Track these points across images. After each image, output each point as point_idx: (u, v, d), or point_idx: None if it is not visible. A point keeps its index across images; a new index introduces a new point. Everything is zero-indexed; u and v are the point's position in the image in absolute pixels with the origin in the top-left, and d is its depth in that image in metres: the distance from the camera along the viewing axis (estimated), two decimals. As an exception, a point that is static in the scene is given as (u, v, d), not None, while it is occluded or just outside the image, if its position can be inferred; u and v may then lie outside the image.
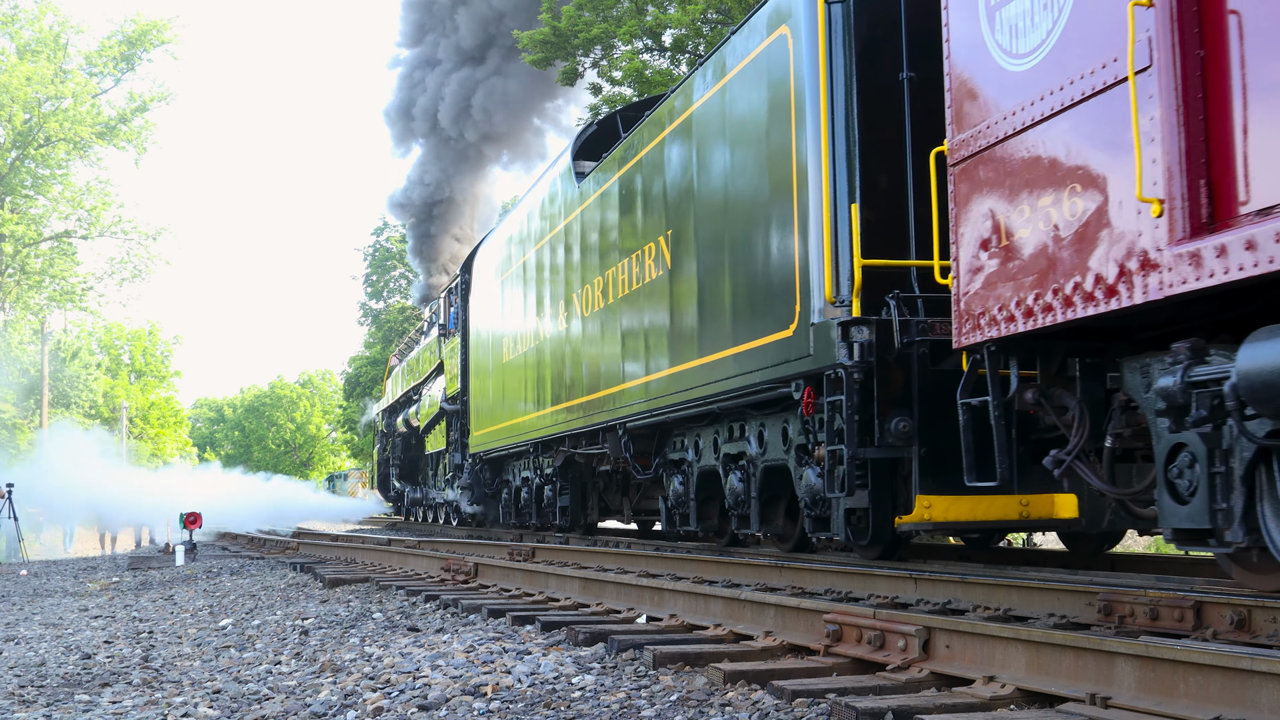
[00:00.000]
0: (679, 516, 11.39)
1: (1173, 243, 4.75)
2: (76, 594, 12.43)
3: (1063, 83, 5.47)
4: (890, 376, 7.85)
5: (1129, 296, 4.96)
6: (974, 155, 6.10)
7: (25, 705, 5.16)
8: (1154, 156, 4.85)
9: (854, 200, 7.98)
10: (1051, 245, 5.49)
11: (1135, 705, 3.48)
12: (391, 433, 31.57)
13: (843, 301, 7.94)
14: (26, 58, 43.75)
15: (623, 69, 22.71)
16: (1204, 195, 4.75)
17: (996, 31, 5.98)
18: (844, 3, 8.19)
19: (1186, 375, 4.96)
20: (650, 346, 11.28)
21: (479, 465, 19.66)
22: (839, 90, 8.17)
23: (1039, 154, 5.64)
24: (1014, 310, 5.73)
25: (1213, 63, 4.76)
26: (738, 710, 4.00)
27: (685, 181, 10.46)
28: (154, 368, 72.40)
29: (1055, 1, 5.54)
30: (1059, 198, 5.48)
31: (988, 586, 5.94)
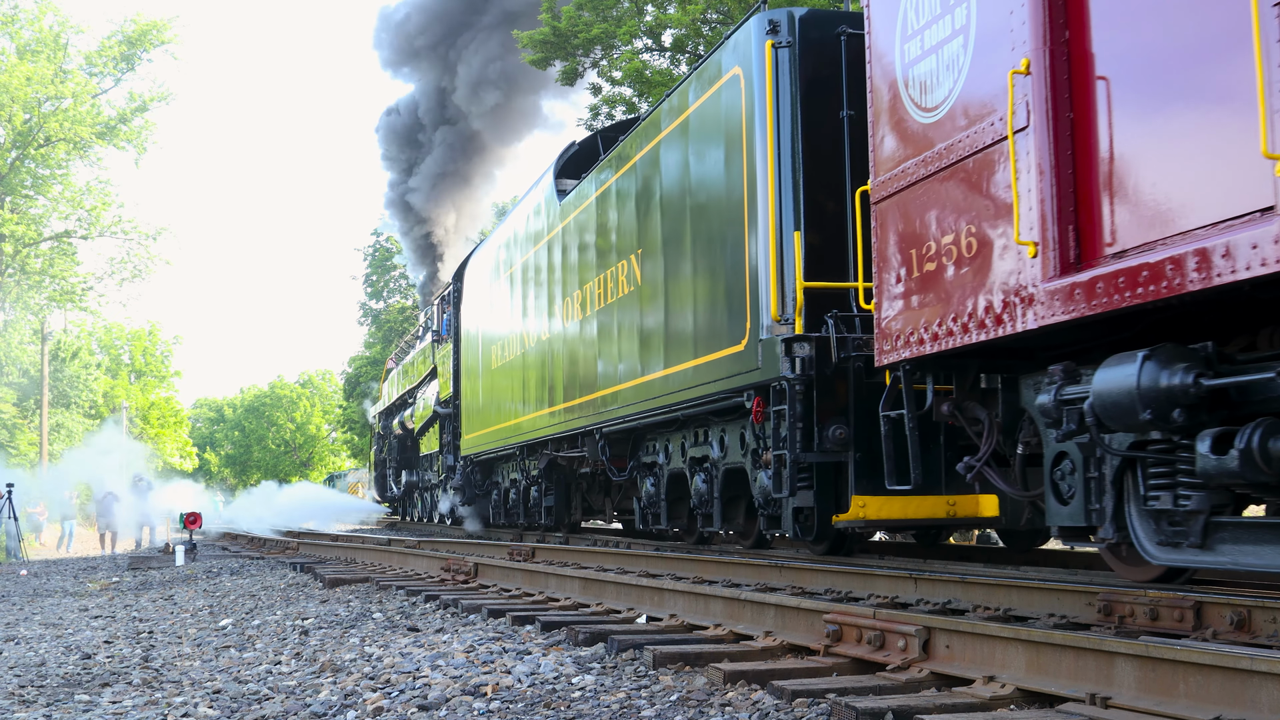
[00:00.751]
0: (651, 516, 12.19)
1: (1046, 279, 5.47)
2: (76, 594, 12.43)
3: (961, 136, 6.18)
4: (829, 388, 8.69)
5: (1013, 325, 5.69)
6: (891, 195, 6.80)
7: (25, 705, 5.16)
8: (1030, 205, 5.56)
9: (798, 228, 8.83)
10: (953, 278, 6.22)
11: (1135, 705, 3.48)
12: (388, 434, 32.25)
13: (787, 320, 8.77)
14: (26, 58, 43.74)
15: (623, 69, 22.70)
16: (1072, 239, 5.46)
17: (910, 86, 6.67)
18: (790, 47, 8.97)
19: (1059, 394, 5.62)
20: (623, 357, 12.10)
21: (470, 467, 20.35)
22: (785, 126, 8.98)
23: (942, 197, 6.34)
24: (924, 334, 6.43)
25: (1081, 124, 5.47)
26: (738, 710, 4.00)
27: (652, 205, 11.32)
28: (154, 368, 72.42)
29: (956, 63, 6.23)
30: (958, 237, 6.19)
31: (988, 586, 5.94)
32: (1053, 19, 5.59)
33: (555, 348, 14.57)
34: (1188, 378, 4.89)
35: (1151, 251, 4.90)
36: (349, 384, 62.65)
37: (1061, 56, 5.59)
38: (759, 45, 9.01)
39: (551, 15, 23.16)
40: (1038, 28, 5.60)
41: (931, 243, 6.43)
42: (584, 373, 13.40)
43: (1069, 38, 5.57)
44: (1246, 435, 4.71)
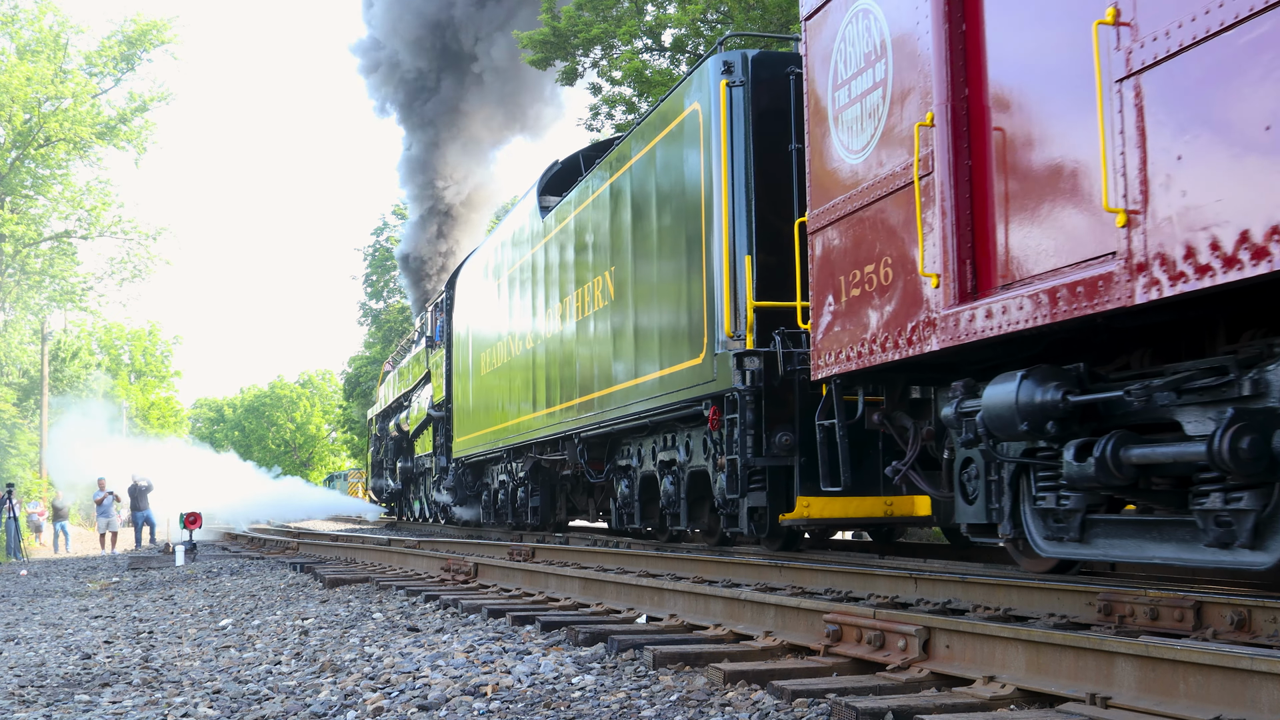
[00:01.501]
0: (626, 515, 13.00)
1: (946, 306, 6.19)
2: (76, 594, 12.43)
3: (879, 177, 6.88)
4: (777, 398, 9.46)
5: (921, 346, 6.40)
6: (823, 227, 7.53)
7: (25, 705, 5.16)
8: (933, 241, 6.26)
9: (749, 251, 9.62)
10: (874, 303, 6.93)
11: (1135, 705, 3.48)
12: (384, 436, 33.03)
13: (739, 336, 9.54)
14: (26, 58, 43.73)
15: (623, 69, 22.69)
16: (969, 272, 6.17)
17: (839, 129, 7.35)
18: (743, 86, 9.76)
19: (959, 407, 6.36)
20: (598, 366, 12.90)
21: (462, 469, 21.25)
22: (738, 158, 9.76)
23: (865, 231, 7.07)
24: (850, 352, 7.17)
25: (977, 171, 6.13)
26: (738, 710, 4.00)
27: (623, 226, 12.14)
28: (154, 368, 72.42)
29: (876, 112, 6.94)
30: (878, 266, 6.92)
31: (988, 586, 5.94)
32: (954, 78, 6.24)
33: (538, 355, 15.33)
34: (1057, 394, 5.63)
35: (1030, 285, 5.62)
36: (349, 384, 62.65)
37: (961, 112, 6.26)
38: (715, 84, 9.84)
39: (551, 15, 23.16)
40: (941, 86, 6.26)
41: (856, 270, 7.16)
42: (564, 380, 14.17)
43: (968, 95, 6.24)
44: (1101, 445, 5.43)
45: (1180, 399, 5.23)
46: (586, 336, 13.33)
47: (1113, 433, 5.41)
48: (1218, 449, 4.81)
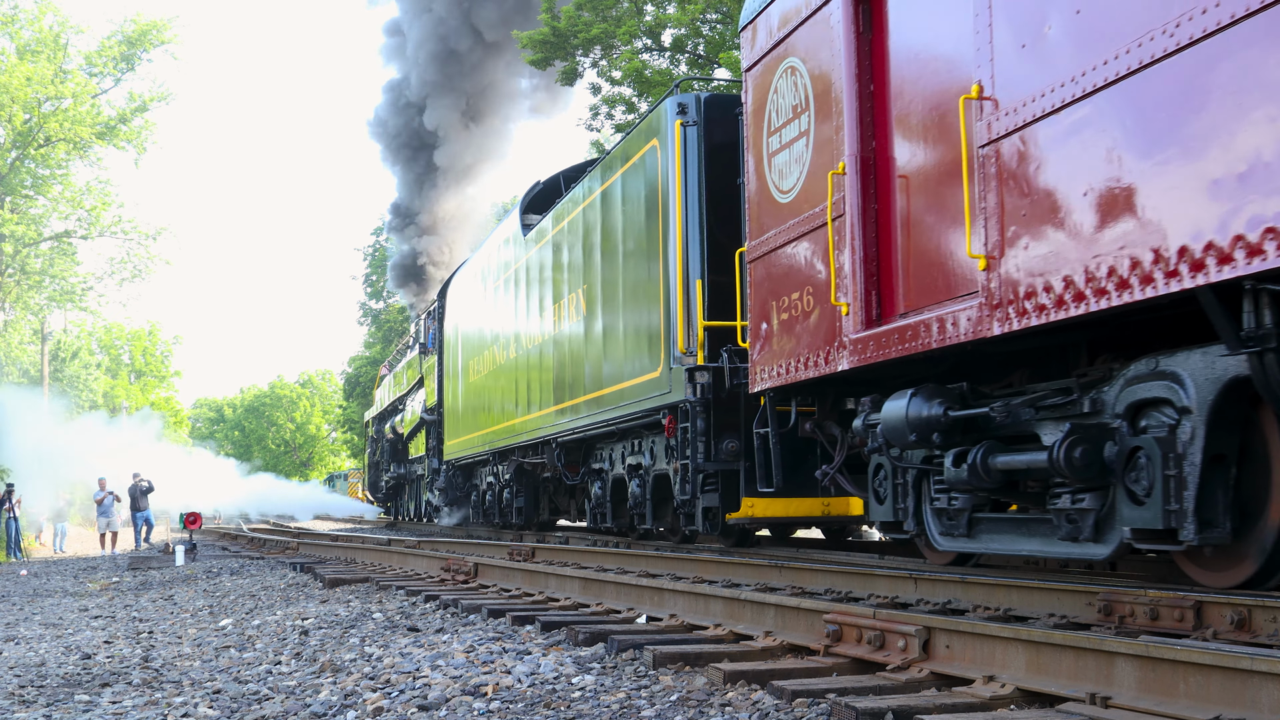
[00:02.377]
0: (599, 515, 13.97)
1: (855, 331, 7.09)
2: (76, 594, 12.43)
3: (803, 216, 7.76)
4: (724, 408, 10.41)
5: (835, 365, 7.29)
6: (759, 257, 8.44)
7: (25, 705, 5.16)
8: (844, 274, 7.15)
9: (701, 275, 10.62)
10: (799, 326, 7.84)
11: (1135, 705, 3.48)
12: (380, 438, 33.96)
13: (691, 352, 10.48)
14: (26, 58, 43.72)
15: (622, 69, 22.70)
16: (874, 302, 7.04)
17: (772, 171, 8.23)
18: (696, 125, 10.76)
19: (866, 419, 7.30)
20: (572, 376, 13.84)
21: (452, 470, 22.21)
22: (692, 190, 10.75)
23: (792, 263, 7.98)
24: (780, 368, 8.06)
25: (882, 214, 7.03)
26: (738, 710, 4.00)
27: (594, 248, 13.14)
28: (154, 368, 72.43)
29: (801, 159, 7.86)
30: (801, 294, 7.84)
31: (988, 586, 5.94)
32: (863, 134, 7.10)
33: (520, 363, 16.33)
34: (939, 410, 6.51)
35: (919, 314, 6.49)
36: (349, 384, 62.65)
37: (869, 163, 7.11)
38: (671, 123, 10.85)
39: (551, 15, 23.15)
40: (852, 140, 7.10)
41: (785, 297, 8.08)
42: (542, 387, 15.12)
43: (875, 148, 7.08)
44: (973, 453, 6.32)
45: (1038, 414, 6.16)
46: (562, 348, 14.27)
47: (982, 442, 6.32)
48: (1057, 457, 5.67)
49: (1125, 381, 5.65)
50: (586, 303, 13.29)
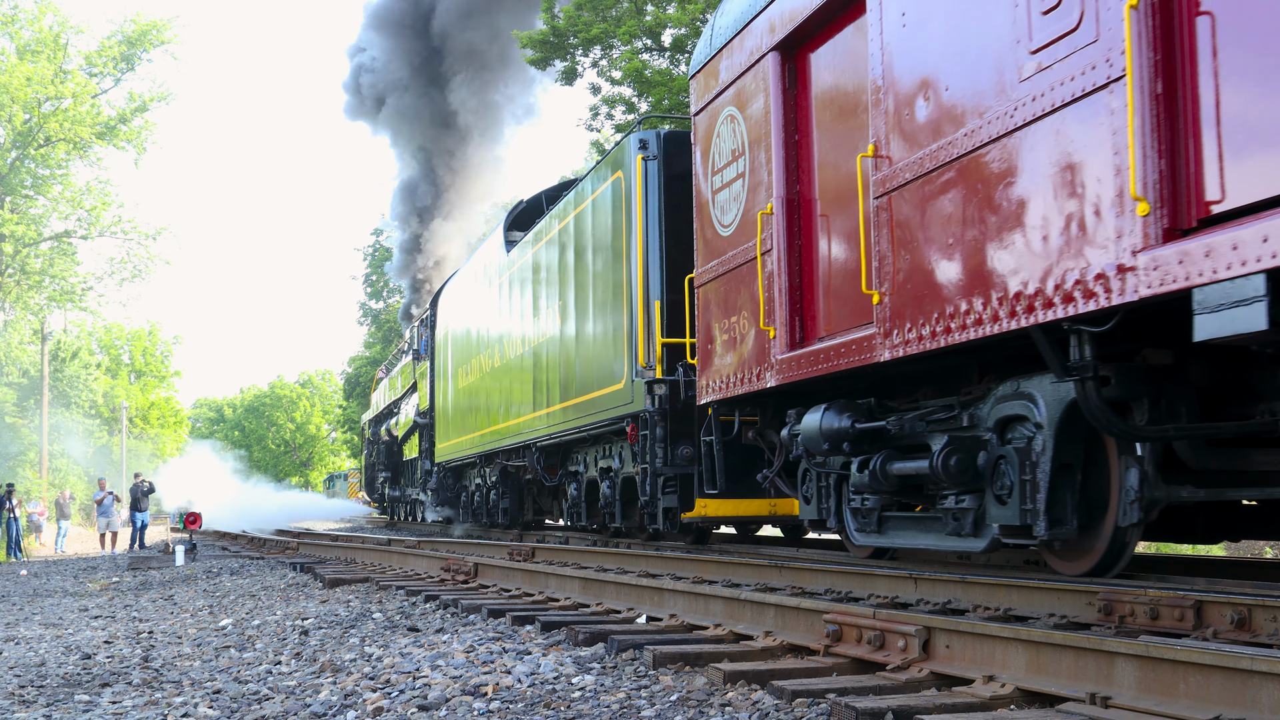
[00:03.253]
0: (575, 515, 15.06)
1: (781, 353, 7.97)
2: (76, 594, 12.43)
3: (740, 248, 8.66)
4: (680, 418, 11.27)
5: (764, 382, 8.21)
6: (704, 284, 9.37)
7: (25, 705, 5.15)
8: (772, 302, 8.02)
9: (659, 297, 11.57)
10: (737, 346, 8.74)
11: (1135, 705, 3.47)
12: (377, 440, 34.77)
13: (650, 366, 11.43)
14: (26, 58, 43.71)
15: (622, 69, 22.69)
16: (798, 327, 7.92)
17: (715, 207, 9.15)
18: (656, 159, 11.75)
19: (791, 429, 8.20)
20: (549, 386, 14.84)
21: (443, 472, 23.17)
22: (652, 219, 11.69)
23: (731, 290, 8.86)
24: (721, 383, 9.00)
25: (805, 250, 7.92)
26: (738, 710, 4.00)
27: (568, 268, 14.14)
28: (154, 368, 72.39)
29: (738, 198, 8.72)
30: (739, 318, 8.69)
31: (988, 586, 5.94)
32: (788, 178, 8.01)
33: (503, 372, 17.34)
34: (847, 422, 7.40)
35: (833, 339, 7.39)
36: (349, 384, 62.64)
37: (794, 204, 8.01)
38: (633, 158, 11.80)
39: (551, 15, 23.14)
40: (779, 183, 8.02)
41: (726, 320, 8.98)
42: (522, 397, 16.15)
43: (799, 191, 8.00)
44: (874, 461, 7.24)
45: (928, 427, 7.08)
46: (540, 358, 15.26)
47: (883, 451, 7.23)
48: (936, 465, 6.61)
49: (995, 400, 6.58)
50: (561, 318, 14.35)
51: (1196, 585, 5.81)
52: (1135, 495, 5.96)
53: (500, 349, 17.47)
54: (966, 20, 6.19)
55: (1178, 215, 4.96)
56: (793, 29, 7.90)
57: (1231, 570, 7.67)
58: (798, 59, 8.12)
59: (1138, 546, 6.81)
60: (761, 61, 8.30)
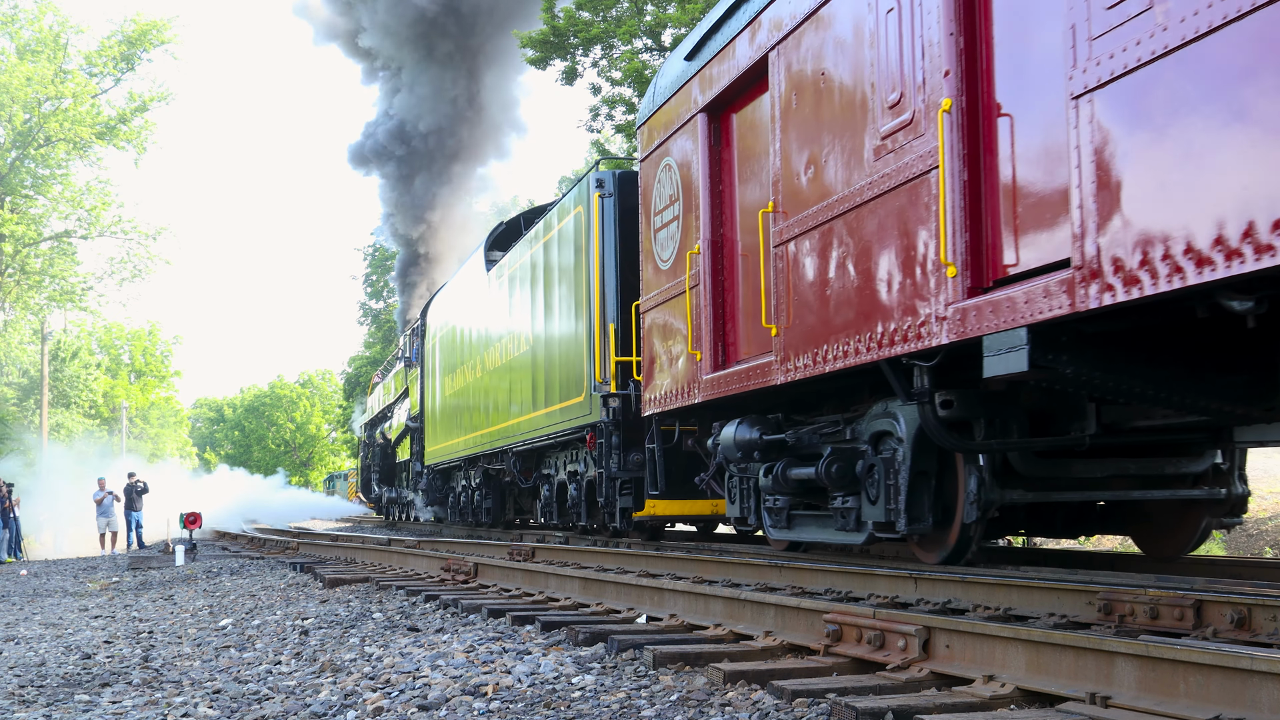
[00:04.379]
0: (547, 514, 16.55)
1: (706, 374, 9.23)
2: (76, 594, 12.43)
3: (675, 281, 9.98)
4: (632, 427, 12.64)
5: (695, 399, 9.58)
6: (647, 310, 10.74)
7: (25, 705, 5.15)
8: (699, 329, 9.43)
9: (614, 320, 12.91)
10: (673, 367, 10.07)
11: (1135, 705, 3.47)
12: (372, 443, 36.31)
13: (605, 382, 12.84)
14: (26, 58, 43.71)
15: (623, 69, 22.69)
16: (720, 351, 9.23)
17: (656, 244, 10.51)
18: (611, 197, 13.12)
19: (714, 440, 9.51)
20: (522, 396, 16.31)
21: (432, 474, 24.58)
22: (608, 250, 13.05)
23: (668, 316, 10.19)
24: (660, 398, 10.33)
25: (727, 285, 9.26)
26: (738, 710, 4.00)
27: (537, 290, 15.70)
28: (154, 368, 72.38)
29: (674, 237, 10.10)
30: (675, 341, 10.02)
31: (988, 586, 5.93)
32: (713, 222, 9.29)
33: (484, 381, 18.78)
34: (756, 434, 8.72)
35: (746, 363, 8.69)
36: (349, 384, 62.65)
37: (718, 245, 9.27)
38: (590, 196, 13.17)
39: (551, 15, 23.13)
40: (705, 227, 9.36)
41: (665, 343, 10.25)
42: (500, 405, 17.65)
43: (723, 233, 9.29)
44: (776, 467, 8.64)
45: (820, 439, 8.42)
46: (515, 372, 16.74)
47: (784, 459, 8.63)
48: (821, 471, 7.96)
49: (870, 418, 7.81)
50: (532, 335, 15.86)
51: (1196, 585, 5.81)
52: (975, 497, 7.23)
53: (482, 359, 18.90)
54: (834, 105, 7.45)
55: (979, 276, 6.18)
56: (717, 94, 9.14)
57: (1231, 570, 7.68)
58: (722, 120, 9.39)
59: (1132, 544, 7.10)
60: (693, 120, 9.60)
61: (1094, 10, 5.22)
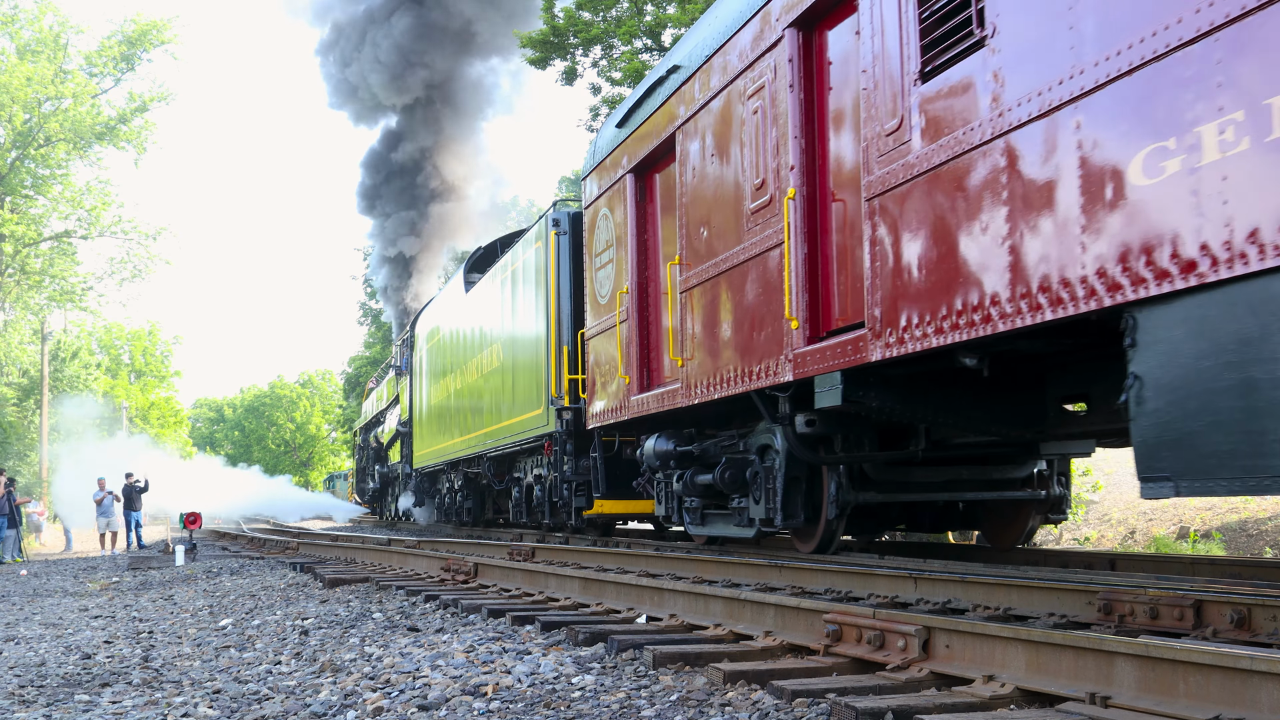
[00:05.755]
0: (518, 513, 18.38)
1: (632, 395, 10.94)
2: (76, 594, 12.43)
3: (610, 315, 11.68)
4: (582, 437, 14.31)
5: (624, 415, 11.32)
6: (589, 338, 12.58)
7: (25, 705, 5.15)
8: (627, 356, 11.09)
9: (567, 343, 14.74)
10: (609, 387, 11.81)
11: (1135, 705, 3.47)
12: (367, 446, 38.58)
13: (560, 396, 14.67)
14: (26, 58, 43.69)
15: (622, 69, 22.68)
16: (645, 375, 10.86)
17: (595, 282, 12.32)
18: (566, 234, 14.87)
19: (640, 450, 11.35)
20: (493, 407, 18.19)
21: (420, 477, 26.62)
22: (563, 281, 14.88)
23: (606, 345, 11.94)
24: (600, 413, 12.11)
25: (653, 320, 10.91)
26: (738, 710, 4.00)
27: (505, 313, 17.59)
28: (154, 368, 72.39)
29: (610, 277, 11.72)
30: (610, 367, 11.77)
31: (988, 586, 5.94)
32: (638, 266, 11.02)
33: (463, 393, 20.66)
34: (671, 446, 10.65)
35: (663, 388, 10.40)
36: (349, 384, 62.63)
37: (642, 286, 10.95)
38: (548, 233, 15.04)
39: (551, 15, 23.12)
40: (630, 270, 11.10)
41: (605, 366, 11.97)
42: (477, 414, 19.39)
43: (647, 276, 10.97)
44: (686, 474, 10.66)
45: (720, 451, 10.12)
46: (490, 384, 18.49)
47: (690, 468, 10.58)
48: (717, 478, 9.83)
49: (758, 433, 9.46)
50: (503, 353, 17.59)
51: (1196, 585, 5.81)
52: (834, 498, 9.11)
53: (462, 371, 20.76)
54: (721, 181, 9.06)
55: (816, 328, 7.74)
56: (641, 159, 10.75)
57: (1231, 570, 7.68)
58: (647, 179, 10.99)
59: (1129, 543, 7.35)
60: (623, 179, 11.22)
61: (877, 135, 6.82)
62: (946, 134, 6.18)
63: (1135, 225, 4.92)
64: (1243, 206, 4.41)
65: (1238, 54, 4.46)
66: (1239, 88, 4.44)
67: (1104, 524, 18.84)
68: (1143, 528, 17.90)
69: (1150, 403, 4.92)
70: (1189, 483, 4.80)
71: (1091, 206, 5.17)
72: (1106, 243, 5.06)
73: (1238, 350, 4.50)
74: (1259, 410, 4.41)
